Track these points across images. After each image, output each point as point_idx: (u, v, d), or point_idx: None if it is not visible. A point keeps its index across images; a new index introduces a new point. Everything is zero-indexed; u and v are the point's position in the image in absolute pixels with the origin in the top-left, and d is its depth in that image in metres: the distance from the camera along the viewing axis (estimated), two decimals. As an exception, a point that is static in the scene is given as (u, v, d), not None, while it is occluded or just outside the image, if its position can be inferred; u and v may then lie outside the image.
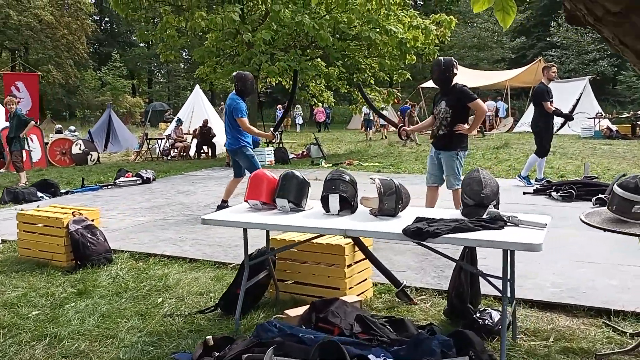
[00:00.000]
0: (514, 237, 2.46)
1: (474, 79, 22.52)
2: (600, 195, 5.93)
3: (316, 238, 3.40)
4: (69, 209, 4.56)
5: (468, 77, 22.86)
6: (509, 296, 2.65)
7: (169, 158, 13.89)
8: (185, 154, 14.11)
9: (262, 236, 3.49)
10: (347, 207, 3.09)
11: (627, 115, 18.99)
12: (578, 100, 18.46)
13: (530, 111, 12.12)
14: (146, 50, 40.02)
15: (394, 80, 14.31)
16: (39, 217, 4.39)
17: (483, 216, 2.68)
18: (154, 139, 15.02)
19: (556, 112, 7.30)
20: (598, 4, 1.34)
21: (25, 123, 8.67)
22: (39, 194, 7.27)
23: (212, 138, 13.84)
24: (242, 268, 3.30)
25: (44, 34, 30.75)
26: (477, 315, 2.95)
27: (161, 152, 14.16)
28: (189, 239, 5.09)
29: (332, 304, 2.89)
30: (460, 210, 2.89)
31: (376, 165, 11.02)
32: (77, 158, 12.27)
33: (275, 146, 13.06)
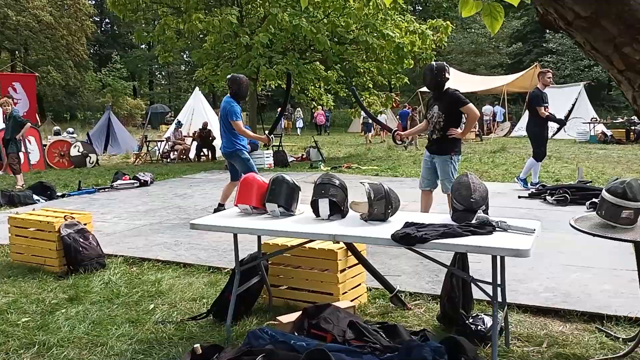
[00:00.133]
0: (502, 242, 2.44)
1: (472, 84, 22.86)
2: (594, 199, 5.95)
3: (308, 243, 3.37)
4: (62, 212, 4.53)
5: (466, 82, 23.04)
6: (499, 301, 2.63)
7: (168, 161, 13.88)
8: (185, 156, 14.11)
9: (256, 241, 3.46)
10: (338, 212, 3.06)
11: (621, 120, 19.27)
12: (573, 105, 18.68)
13: (527, 116, 12.29)
14: (147, 52, 40.03)
15: (392, 84, 14.36)
16: (31, 221, 4.35)
17: (472, 221, 2.66)
18: (154, 141, 15.02)
19: (549, 117, 7.36)
20: (568, 8, 1.32)
21: (21, 125, 8.64)
22: (35, 197, 7.23)
23: (212, 141, 13.83)
24: (234, 274, 3.28)
25: (43, 35, 30.73)
26: (470, 320, 2.93)
27: (161, 154, 14.16)
28: (184, 243, 5.06)
29: (325, 310, 2.86)
30: (450, 215, 2.87)
31: (374, 168, 10.99)
32: (75, 160, 12.25)
33: (275, 149, 13.08)
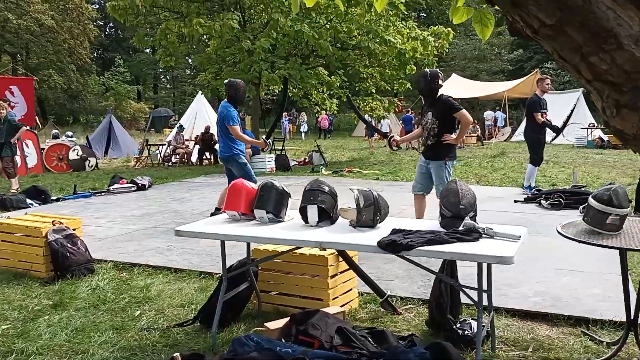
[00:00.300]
0: (486, 249, 2.42)
1: (474, 89, 23.08)
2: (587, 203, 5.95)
3: (299, 248, 3.30)
4: (50, 217, 4.45)
5: (468, 88, 23.16)
6: (486, 306, 2.63)
7: (169, 164, 13.84)
8: (186, 160, 14.07)
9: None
10: (327, 218, 3.00)
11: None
12: (572, 111, 18.84)
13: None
14: (151, 56, 40.19)
15: (395, 89, 14.41)
16: (17, 226, 4.28)
17: (459, 228, 2.62)
18: (155, 145, 14.98)
19: (545, 123, 7.40)
20: (533, 16, 1.28)
21: (16, 128, 8.60)
22: (29, 201, 7.16)
23: (214, 144, 13.78)
24: (222, 280, 3.20)
25: (44, 39, 30.86)
26: (457, 325, 2.92)
27: (162, 158, 14.12)
28: (177, 248, 4.97)
29: (313, 316, 2.82)
30: (439, 221, 2.84)
31: (376, 172, 10.92)
32: (74, 164, 12.20)
33: (278, 152, 13.06)
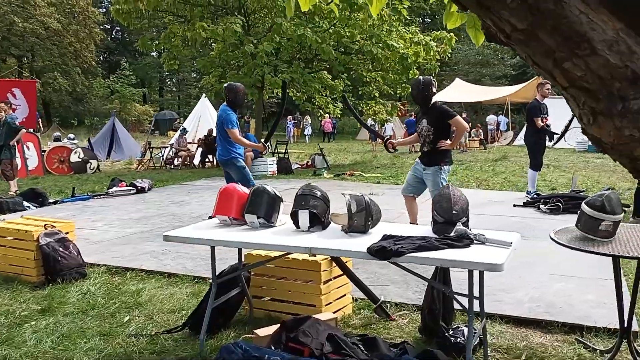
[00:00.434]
0: (476, 256, 2.38)
1: (477, 94, 23.14)
2: None
3: (291, 254, 3.23)
4: (43, 221, 4.40)
5: (471, 92, 23.17)
6: (477, 312, 2.60)
7: (172, 167, 13.83)
8: (189, 162, 14.06)
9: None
10: (319, 223, 2.93)
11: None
12: (573, 116, 18.55)
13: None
14: (157, 59, 40.38)
15: (398, 93, 14.43)
16: (9, 229, 4.23)
17: (451, 234, 2.58)
18: (157, 147, 14.98)
19: (544, 128, 7.38)
20: (505, 20, 1.23)
21: (15, 131, 8.59)
22: (26, 204, 7.11)
23: (216, 147, 13.75)
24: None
25: (50, 42, 31.06)
26: (450, 333, 2.87)
27: (164, 161, 14.11)
28: (172, 252, 4.91)
29: (304, 323, 2.76)
30: (431, 227, 2.81)
31: (377, 176, 10.86)
32: (75, 166, 12.19)
33: (281, 156, 13.03)
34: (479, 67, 32.05)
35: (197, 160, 14.19)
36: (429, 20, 39.54)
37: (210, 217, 5.84)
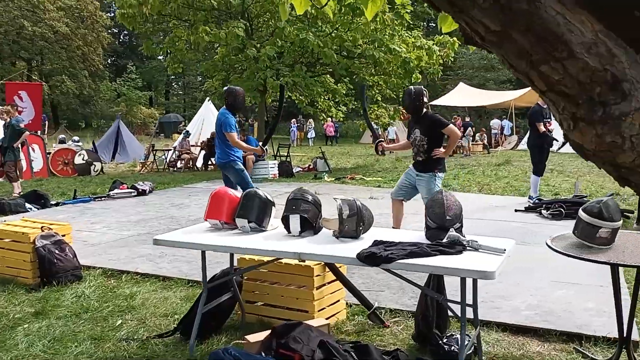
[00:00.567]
0: (468, 263, 2.33)
1: (482, 98, 23.01)
2: None
3: (279, 259, 3.21)
4: (40, 223, 4.42)
5: (476, 97, 23.07)
6: (470, 320, 2.56)
7: (175, 169, 13.87)
8: (191, 165, 14.10)
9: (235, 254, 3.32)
10: (310, 228, 2.91)
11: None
12: None
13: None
14: (163, 63, 40.58)
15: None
16: (6, 231, 4.25)
17: (443, 240, 2.54)
18: (161, 150, 15.03)
19: (545, 133, 7.33)
20: (478, 21, 1.17)
21: (19, 133, 8.67)
22: (27, 205, 7.16)
23: (218, 150, 13.79)
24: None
25: (58, 45, 31.33)
26: (444, 340, 2.83)
27: (167, 163, 14.16)
28: (169, 255, 4.90)
29: (295, 329, 2.73)
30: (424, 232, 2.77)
31: (378, 180, 10.82)
32: (79, 168, 12.26)
33: (282, 159, 13.03)
34: (483, 71, 31.98)
35: (199, 163, 14.23)
36: (434, 25, 39.59)
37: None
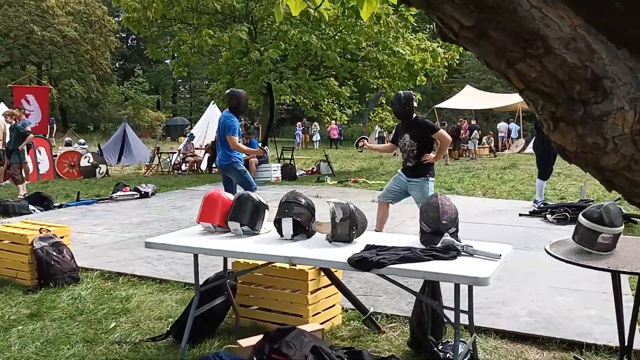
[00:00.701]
0: (461, 269, 2.29)
1: (489, 101, 22.85)
2: None
3: (272, 263, 3.19)
4: (40, 225, 4.44)
5: (483, 100, 22.90)
6: (464, 327, 2.54)
7: (179, 172, 13.91)
8: (196, 168, 14.13)
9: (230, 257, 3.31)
10: (303, 232, 2.89)
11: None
12: None
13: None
14: (170, 67, 40.85)
15: None
16: (5, 233, 4.28)
17: (437, 244, 2.50)
18: (165, 153, 15.09)
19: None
20: (450, 17, 1.11)
21: (23, 136, 8.75)
22: (31, 207, 7.21)
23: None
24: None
25: (67, 49, 31.64)
26: (440, 347, 2.80)
27: (172, 166, 14.21)
28: (167, 258, 4.91)
29: (288, 334, 2.72)
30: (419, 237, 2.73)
31: (381, 183, 10.74)
32: (85, 171, 12.34)
33: (286, 162, 13.03)
34: (490, 73, 31.71)
35: (204, 166, 14.26)
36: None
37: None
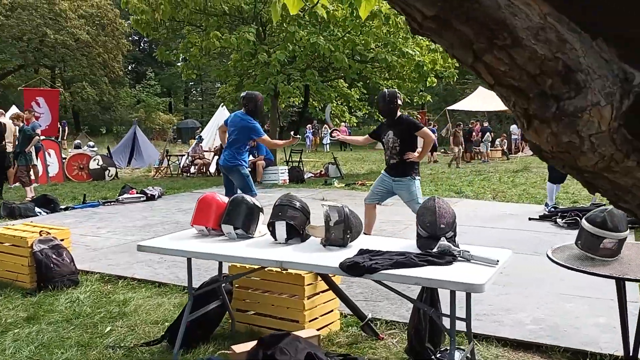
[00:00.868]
0: (455, 275, 2.22)
1: (500, 102, 22.21)
2: None
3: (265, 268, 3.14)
4: (41, 227, 4.45)
5: (494, 101, 22.53)
6: (460, 334, 2.50)
7: (187, 175, 13.96)
8: (204, 170, 14.17)
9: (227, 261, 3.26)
10: (297, 236, 2.83)
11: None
12: None
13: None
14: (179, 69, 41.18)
15: (415, 102, 14.23)
16: (5, 235, 4.29)
17: (433, 249, 2.44)
18: (175, 155, 15.16)
19: None
20: (412, 6, 1.03)
21: (29, 138, 8.84)
22: (37, 210, 7.26)
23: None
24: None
25: (79, 52, 32.01)
26: (437, 355, 2.74)
27: (181, 169, 14.26)
28: (168, 261, 4.89)
29: (282, 340, 2.66)
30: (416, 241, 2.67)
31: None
32: (94, 173, 12.42)
33: (294, 164, 13.01)
34: (504, 75, 31.74)
35: (212, 169, 14.29)
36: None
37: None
